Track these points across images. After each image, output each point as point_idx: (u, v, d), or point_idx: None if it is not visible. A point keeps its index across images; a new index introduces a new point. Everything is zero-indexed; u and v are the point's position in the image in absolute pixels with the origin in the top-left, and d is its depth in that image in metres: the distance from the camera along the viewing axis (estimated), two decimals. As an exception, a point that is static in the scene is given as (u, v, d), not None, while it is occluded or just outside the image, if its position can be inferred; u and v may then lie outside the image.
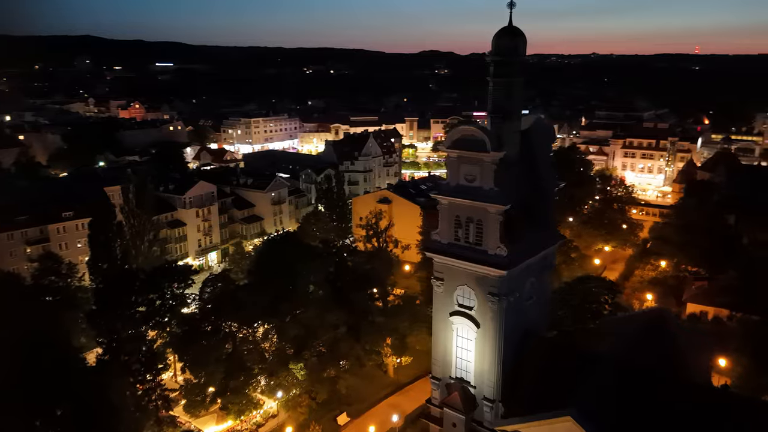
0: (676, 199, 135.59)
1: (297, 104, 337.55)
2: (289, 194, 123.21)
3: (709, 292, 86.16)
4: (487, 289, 42.07)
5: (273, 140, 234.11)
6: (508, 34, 41.92)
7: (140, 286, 62.68)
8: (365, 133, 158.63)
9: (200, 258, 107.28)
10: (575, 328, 51.65)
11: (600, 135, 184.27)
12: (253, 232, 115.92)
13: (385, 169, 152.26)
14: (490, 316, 42.39)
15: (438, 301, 45.63)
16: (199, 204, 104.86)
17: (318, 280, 65.55)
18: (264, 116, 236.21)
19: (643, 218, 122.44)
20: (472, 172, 41.72)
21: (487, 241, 41.68)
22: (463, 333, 44.84)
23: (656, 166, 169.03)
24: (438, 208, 44.38)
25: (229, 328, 61.77)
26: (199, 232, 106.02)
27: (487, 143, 40.10)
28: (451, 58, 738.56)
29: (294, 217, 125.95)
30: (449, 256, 43.67)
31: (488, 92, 43.73)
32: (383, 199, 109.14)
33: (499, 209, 40.53)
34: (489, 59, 42.70)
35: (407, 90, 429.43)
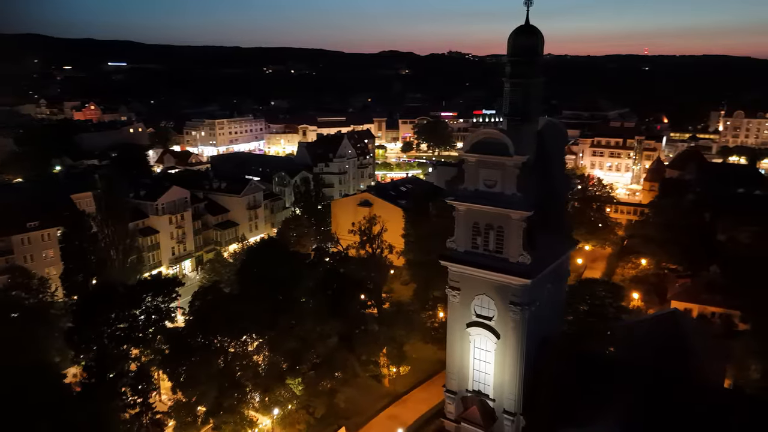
0: (647, 196, 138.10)
1: (260, 105, 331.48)
2: (264, 198, 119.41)
3: (693, 290, 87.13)
4: (508, 298, 40.44)
5: (238, 142, 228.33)
6: (526, 33, 40.41)
7: (121, 301, 58.65)
8: (339, 134, 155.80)
9: (174, 267, 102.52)
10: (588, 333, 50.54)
11: (568, 134, 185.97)
12: (229, 238, 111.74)
13: (360, 170, 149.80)
14: (511, 326, 40.76)
15: (454, 311, 43.74)
16: (171, 210, 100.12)
17: (311, 290, 62.72)
18: (228, 117, 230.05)
19: (617, 216, 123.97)
20: (492, 176, 39.99)
21: (509, 248, 40.03)
22: (481, 344, 43.09)
23: (624, 164, 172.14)
24: (454, 214, 42.49)
25: (220, 343, 58.41)
26: (173, 239, 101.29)
27: (510, 147, 38.44)
28: (411, 59, 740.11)
29: (269, 222, 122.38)
30: (467, 265, 41.85)
31: (504, 93, 42.16)
32: (364, 201, 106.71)
33: (523, 215, 38.94)
34: (506, 59, 41.03)
35: (370, 90, 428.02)
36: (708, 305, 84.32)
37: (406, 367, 67.52)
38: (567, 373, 42.08)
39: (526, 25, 40.66)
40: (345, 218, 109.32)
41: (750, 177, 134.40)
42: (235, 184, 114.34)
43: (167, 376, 56.18)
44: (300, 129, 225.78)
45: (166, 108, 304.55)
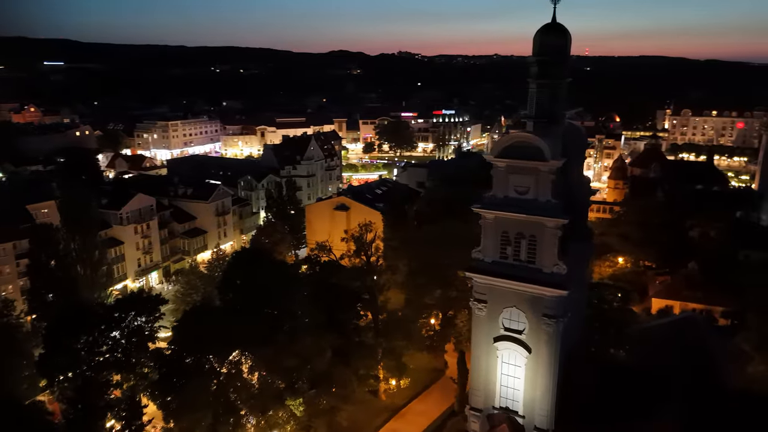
0: (612, 194, 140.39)
1: (211, 105, 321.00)
2: (232, 204, 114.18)
3: (673, 287, 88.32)
4: (541, 310, 38.47)
5: (193, 144, 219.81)
6: (554, 32, 38.52)
7: (99, 322, 53.57)
8: (305, 135, 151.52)
9: (140, 279, 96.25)
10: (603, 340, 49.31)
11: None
12: (197, 247, 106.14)
13: (328, 173, 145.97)
14: (544, 339, 38.80)
15: (479, 325, 41.44)
16: (137, 219, 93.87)
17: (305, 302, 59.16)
18: (182, 119, 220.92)
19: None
20: (524, 182, 37.89)
21: (542, 258, 38.05)
22: (509, 359, 40.95)
23: (585, 163, 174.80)
24: (480, 223, 40.18)
25: (210, 364, 54.16)
26: (138, 250, 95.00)
27: (546, 151, 36.41)
28: (361, 59, 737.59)
29: (238, 228, 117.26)
30: (495, 276, 39.63)
31: (529, 95, 40.16)
32: (340, 205, 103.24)
33: (558, 223, 37.03)
34: (533, 59, 39.00)
35: (324, 90, 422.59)
36: (689, 302, 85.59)
37: (406, 380, 64.75)
38: (597, 384, 40.60)
39: (553, 23, 38.78)
40: (320, 223, 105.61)
41: (708, 173, 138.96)
42: (201, 189, 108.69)
43: (156, 405, 51.52)
44: (258, 130, 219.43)
45: (112, 109, 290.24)
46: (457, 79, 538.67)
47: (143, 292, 60.02)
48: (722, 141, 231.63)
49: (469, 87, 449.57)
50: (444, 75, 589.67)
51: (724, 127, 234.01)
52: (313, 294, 60.86)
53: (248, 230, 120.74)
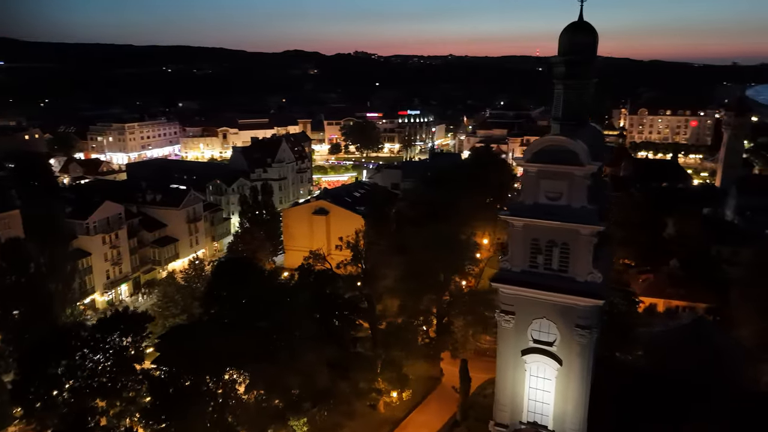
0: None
1: (166, 106, 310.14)
2: (203, 209, 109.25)
3: (656, 285, 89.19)
4: (573, 321, 36.83)
5: (151, 147, 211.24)
6: (583, 30, 36.93)
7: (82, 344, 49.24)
8: (275, 137, 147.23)
9: (109, 292, 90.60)
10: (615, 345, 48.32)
11: (496, 134, 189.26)
12: (168, 256, 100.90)
13: (299, 175, 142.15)
14: (576, 351, 37.20)
15: (506, 337, 39.52)
16: (105, 229, 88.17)
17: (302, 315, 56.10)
18: (139, 120, 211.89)
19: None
20: (556, 188, 36.13)
21: (575, 266, 36.42)
22: (538, 372, 39.19)
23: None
24: (509, 231, 38.27)
25: (205, 385, 50.50)
26: (107, 261, 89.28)
27: (582, 155, 34.77)
28: (317, 59, 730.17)
29: (210, 235, 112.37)
30: (524, 287, 37.77)
31: (555, 96, 38.46)
32: (319, 210, 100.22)
33: (593, 230, 35.47)
34: (559, 59, 37.32)
35: (282, 91, 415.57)
36: (673, 299, 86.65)
37: (408, 392, 62.42)
38: (626, 393, 39.42)
39: (581, 21, 37.21)
40: (299, 229, 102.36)
41: (672, 171, 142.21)
42: (171, 195, 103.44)
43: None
44: (219, 132, 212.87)
45: (61, 111, 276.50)
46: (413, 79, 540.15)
47: (128, 310, 55.57)
48: (677, 139, 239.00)
49: (428, 87, 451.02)
50: (401, 75, 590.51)
51: (679, 126, 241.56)
52: (308, 305, 57.92)
53: (220, 237, 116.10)
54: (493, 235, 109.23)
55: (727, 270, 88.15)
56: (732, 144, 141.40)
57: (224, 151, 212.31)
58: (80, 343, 49.52)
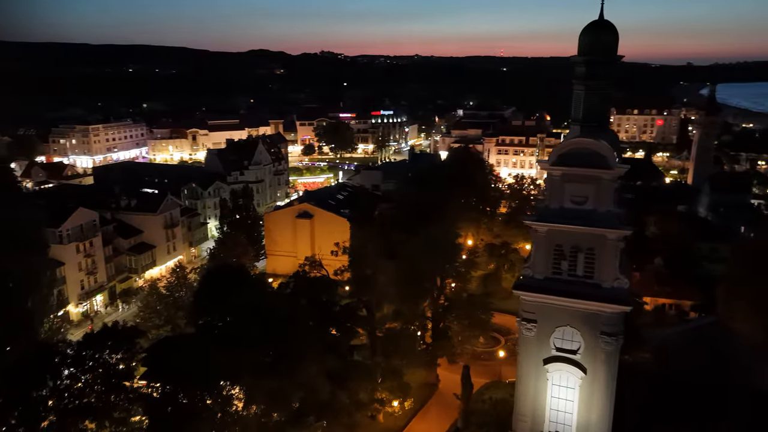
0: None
1: (130, 107, 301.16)
2: (180, 214, 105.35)
3: (643, 283, 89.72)
4: (598, 328, 35.90)
5: (117, 150, 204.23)
6: (604, 29, 35.94)
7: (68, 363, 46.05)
8: (251, 138, 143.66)
9: (84, 303, 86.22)
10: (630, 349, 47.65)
11: (471, 134, 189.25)
12: (145, 263, 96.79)
13: (276, 177, 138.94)
14: (601, 358, 36.25)
15: (528, 346, 38.31)
16: (79, 237, 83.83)
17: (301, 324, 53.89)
18: (103, 122, 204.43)
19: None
20: (582, 192, 35.09)
21: (601, 272, 35.46)
22: (560, 381, 38.13)
23: (528, 161, 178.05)
24: (532, 236, 37.04)
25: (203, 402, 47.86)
26: (81, 271, 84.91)
27: (610, 157, 33.79)
28: (283, 58, 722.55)
29: (187, 241, 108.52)
30: (547, 294, 36.63)
31: (574, 97, 37.43)
32: (303, 213, 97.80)
33: (620, 235, 34.55)
34: (580, 59, 36.27)
35: (249, 91, 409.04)
36: (660, 297, 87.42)
37: (410, 400, 60.81)
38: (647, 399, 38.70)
39: (601, 20, 36.21)
40: (281, 233, 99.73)
41: (646, 170, 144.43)
42: (147, 200, 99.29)
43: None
44: (189, 133, 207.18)
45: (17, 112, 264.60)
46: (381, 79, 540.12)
47: (117, 325, 52.31)
48: (644, 137, 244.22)
49: (397, 87, 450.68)
50: (368, 75, 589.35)
51: (645, 125, 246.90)
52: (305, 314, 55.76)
53: (198, 242, 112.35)
54: (477, 236, 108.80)
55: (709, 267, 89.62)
56: (703, 142, 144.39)
57: (194, 153, 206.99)
58: (67, 361, 46.30)
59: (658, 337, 50.17)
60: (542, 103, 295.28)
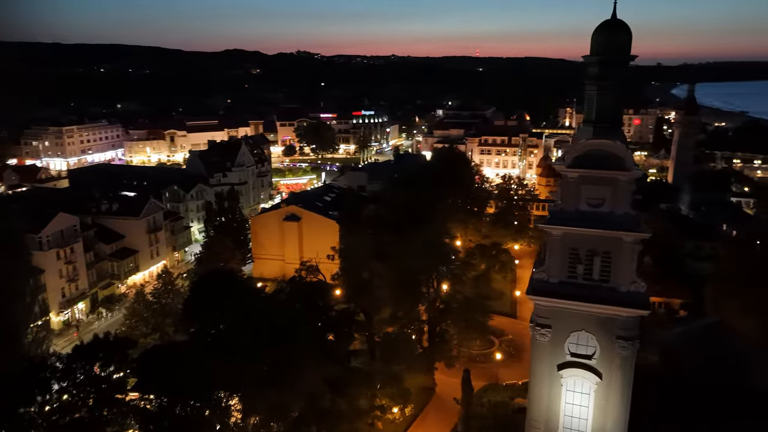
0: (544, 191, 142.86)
1: (103, 108, 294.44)
2: (163, 218, 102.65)
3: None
4: (614, 332, 35.27)
5: (92, 152, 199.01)
6: (617, 29, 35.29)
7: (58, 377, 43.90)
8: (234, 139, 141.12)
9: (65, 312, 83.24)
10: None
11: (454, 134, 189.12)
12: (128, 269, 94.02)
13: (260, 179, 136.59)
14: (617, 363, 35.63)
15: (541, 352, 37.50)
16: (59, 243, 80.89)
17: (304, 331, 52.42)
18: (77, 123, 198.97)
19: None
20: (598, 194, 34.41)
21: (617, 276, 34.83)
22: (575, 386, 37.42)
23: (510, 161, 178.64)
24: (546, 240, 36.25)
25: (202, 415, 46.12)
26: (62, 278, 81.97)
27: (628, 159, 33.19)
28: (258, 58, 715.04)
29: (171, 245, 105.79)
30: (563, 298, 35.87)
31: (587, 97, 36.79)
32: (290, 216, 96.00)
33: (638, 237, 33.97)
34: (593, 59, 35.61)
35: (225, 91, 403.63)
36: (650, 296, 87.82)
37: (410, 406, 59.77)
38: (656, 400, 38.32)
39: (614, 19, 35.58)
40: (268, 236, 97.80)
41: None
42: (129, 204, 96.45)
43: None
44: (167, 135, 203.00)
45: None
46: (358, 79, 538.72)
47: (109, 336, 50.12)
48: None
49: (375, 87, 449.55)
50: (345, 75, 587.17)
51: (623, 124, 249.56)
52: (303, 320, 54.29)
53: (181, 246, 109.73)
54: (465, 237, 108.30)
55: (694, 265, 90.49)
56: (683, 141, 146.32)
57: (172, 155, 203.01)
58: (57, 375, 44.11)
59: (662, 339, 50.01)
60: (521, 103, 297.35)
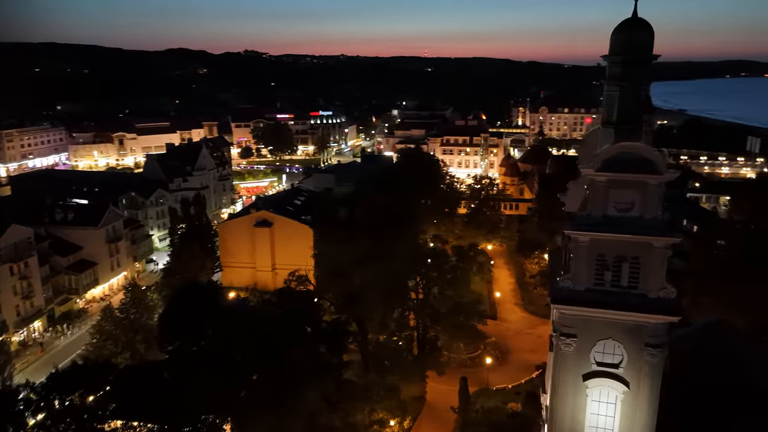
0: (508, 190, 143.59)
1: (44, 110, 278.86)
2: (123, 226, 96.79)
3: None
4: (642, 340, 34.24)
5: (33, 156, 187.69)
6: (640, 27, 34.29)
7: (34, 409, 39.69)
8: (191, 142, 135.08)
9: (21, 331, 76.83)
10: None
11: (415, 134, 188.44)
12: (87, 282, 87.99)
13: (221, 183, 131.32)
14: (646, 371, 34.64)
15: (566, 362, 36.12)
16: (12, 257, 74.56)
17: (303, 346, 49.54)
18: (18, 126, 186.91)
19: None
20: (627, 198, 33.27)
21: (647, 282, 33.80)
22: (600, 396, 36.27)
23: (472, 160, 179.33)
24: (571, 246, 34.87)
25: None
26: (17, 295, 75.63)
27: (659, 163, 32.16)
28: (204, 57, 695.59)
29: (131, 255, 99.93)
30: (589, 306, 34.61)
31: (607, 98, 35.71)
32: (262, 221, 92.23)
33: (668, 242, 33.05)
34: (617, 59, 34.51)
35: (172, 91, 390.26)
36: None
37: (408, 419, 57.70)
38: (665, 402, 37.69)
39: (636, 17, 34.57)
40: (238, 243, 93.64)
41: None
42: (87, 213, 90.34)
43: None
44: (115, 138, 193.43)
45: None
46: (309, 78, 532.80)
47: (88, 362, 45.83)
48: (575, 135, 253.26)
49: (328, 87, 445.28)
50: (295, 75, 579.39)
51: (575, 123, 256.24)
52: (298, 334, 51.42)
53: (142, 256, 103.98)
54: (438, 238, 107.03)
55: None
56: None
57: (122, 159, 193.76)
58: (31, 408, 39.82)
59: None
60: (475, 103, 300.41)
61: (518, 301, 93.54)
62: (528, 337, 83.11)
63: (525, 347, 79.88)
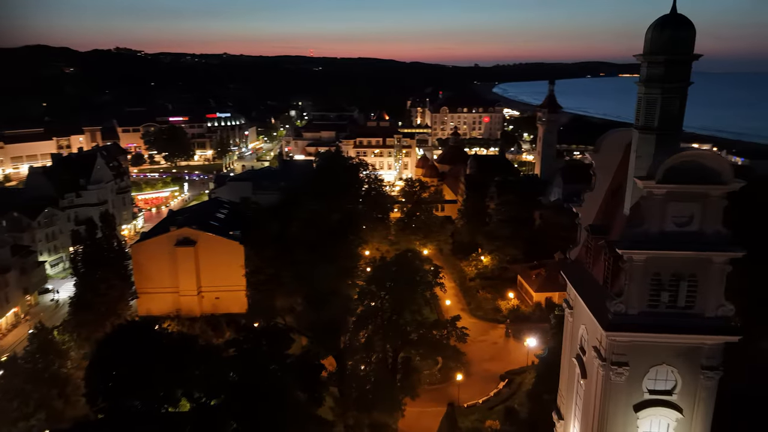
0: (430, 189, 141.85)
1: None
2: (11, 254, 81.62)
3: (550, 279, 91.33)
4: (699, 363, 31.63)
5: None
6: (682, 24, 31.42)
7: None
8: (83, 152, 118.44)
9: None
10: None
11: (325, 136, 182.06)
12: (-31, 326, 72.73)
13: (120, 197, 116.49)
14: (702, 396, 32.05)
15: (616, 393, 32.60)
16: None
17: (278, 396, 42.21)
18: None
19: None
20: (686, 211, 30.23)
21: (704, 301, 31.09)
22: (651, 426, 33.26)
23: (386, 162, 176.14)
24: (624, 267, 31.27)
25: None
26: None
27: (725, 172, 29.38)
28: (69, 55, 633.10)
29: (22, 287, 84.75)
30: (645, 331, 31.36)
31: (645, 101, 32.56)
32: (184, 240, 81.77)
33: (729, 257, 30.49)
34: (660, 58, 31.44)
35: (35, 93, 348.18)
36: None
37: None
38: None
39: (676, 13, 31.69)
40: (156, 266, 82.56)
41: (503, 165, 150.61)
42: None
43: None
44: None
45: None
46: (191, 77, 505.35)
47: None
48: (474, 134, 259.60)
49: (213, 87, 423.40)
50: (176, 74, 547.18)
51: (474, 122, 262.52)
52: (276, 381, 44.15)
53: (35, 287, 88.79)
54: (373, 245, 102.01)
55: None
56: (547, 138, 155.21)
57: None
58: None
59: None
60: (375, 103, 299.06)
61: (464, 307, 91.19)
62: (482, 344, 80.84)
63: (483, 356, 77.45)
